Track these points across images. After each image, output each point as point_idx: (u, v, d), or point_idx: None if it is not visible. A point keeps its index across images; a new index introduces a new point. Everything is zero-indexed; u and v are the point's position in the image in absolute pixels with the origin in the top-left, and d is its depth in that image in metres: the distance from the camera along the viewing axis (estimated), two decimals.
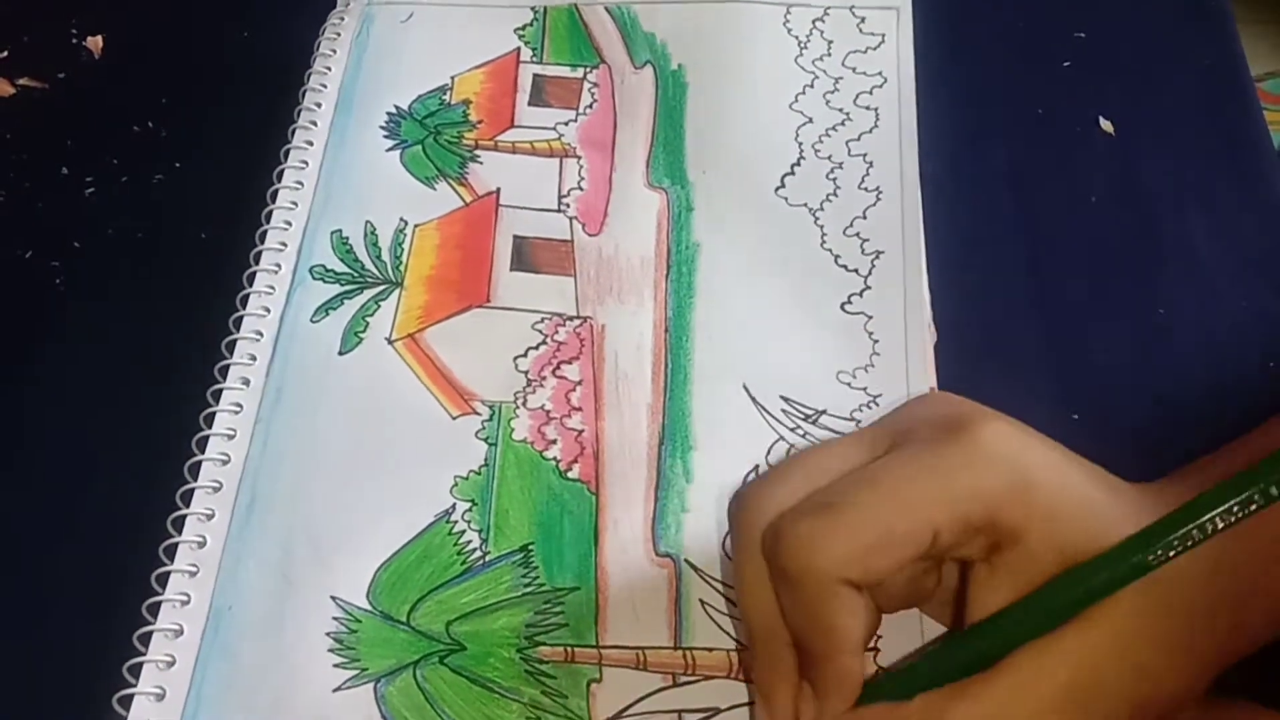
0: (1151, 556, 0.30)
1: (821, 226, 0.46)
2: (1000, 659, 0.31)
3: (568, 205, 0.47)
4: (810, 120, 0.49)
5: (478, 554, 0.39)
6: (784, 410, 0.42)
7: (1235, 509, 0.29)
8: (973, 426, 0.32)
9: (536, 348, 0.43)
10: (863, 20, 0.52)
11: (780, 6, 0.53)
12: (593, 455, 0.41)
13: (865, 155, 0.48)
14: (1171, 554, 0.30)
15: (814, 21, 0.52)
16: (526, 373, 0.43)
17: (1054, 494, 0.31)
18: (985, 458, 0.31)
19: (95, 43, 0.53)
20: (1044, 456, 0.32)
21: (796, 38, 0.52)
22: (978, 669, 0.31)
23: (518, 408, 0.42)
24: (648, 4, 0.53)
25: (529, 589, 0.38)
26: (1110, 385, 0.43)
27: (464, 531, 0.39)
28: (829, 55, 0.51)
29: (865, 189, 0.47)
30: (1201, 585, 0.31)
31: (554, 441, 0.41)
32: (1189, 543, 0.30)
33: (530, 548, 0.39)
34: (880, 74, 0.50)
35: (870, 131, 0.49)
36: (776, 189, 0.48)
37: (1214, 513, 0.29)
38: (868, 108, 0.49)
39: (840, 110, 0.50)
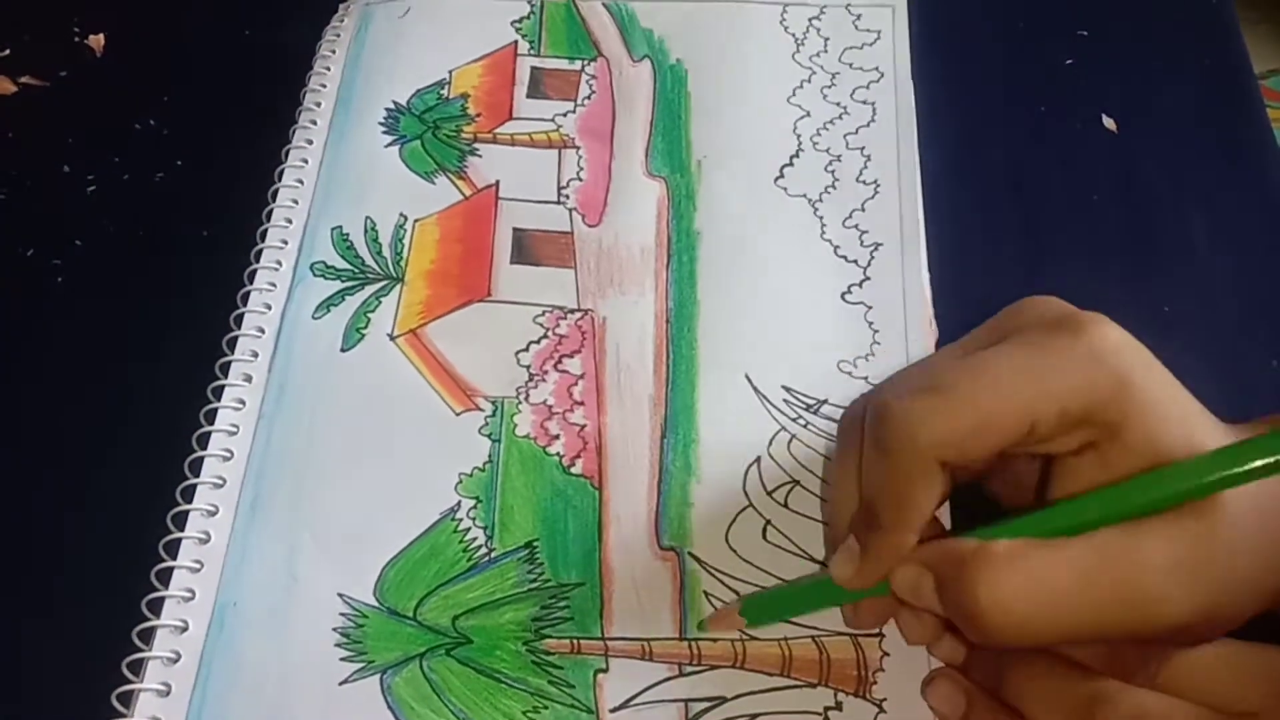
0: (1256, 464, 0.30)
1: (821, 217, 0.47)
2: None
3: (567, 196, 0.47)
4: (808, 114, 0.49)
5: (483, 550, 0.39)
6: (785, 400, 0.42)
7: None
8: (1079, 325, 0.32)
9: (538, 342, 0.44)
10: (858, 18, 0.52)
11: (776, 5, 0.53)
12: (595, 450, 0.41)
13: (863, 149, 0.48)
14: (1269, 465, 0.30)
15: (810, 20, 0.52)
16: (528, 367, 0.43)
17: (1154, 396, 0.32)
18: (1089, 354, 0.32)
19: (97, 41, 0.53)
20: (1148, 361, 0.32)
21: (793, 35, 0.52)
22: (1065, 534, 0.31)
23: (520, 403, 0.42)
24: (645, 1, 0.53)
25: (534, 585, 0.39)
26: None
27: (469, 529, 0.39)
28: (825, 52, 0.51)
29: (864, 182, 0.47)
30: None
31: (557, 437, 0.41)
32: None
33: (535, 544, 0.39)
34: (877, 69, 0.50)
35: (868, 125, 0.49)
36: (776, 179, 0.48)
37: None
38: (864, 102, 0.50)
39: (838, 104, 0.50)
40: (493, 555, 0.39)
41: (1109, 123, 0.50)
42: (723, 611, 0.38)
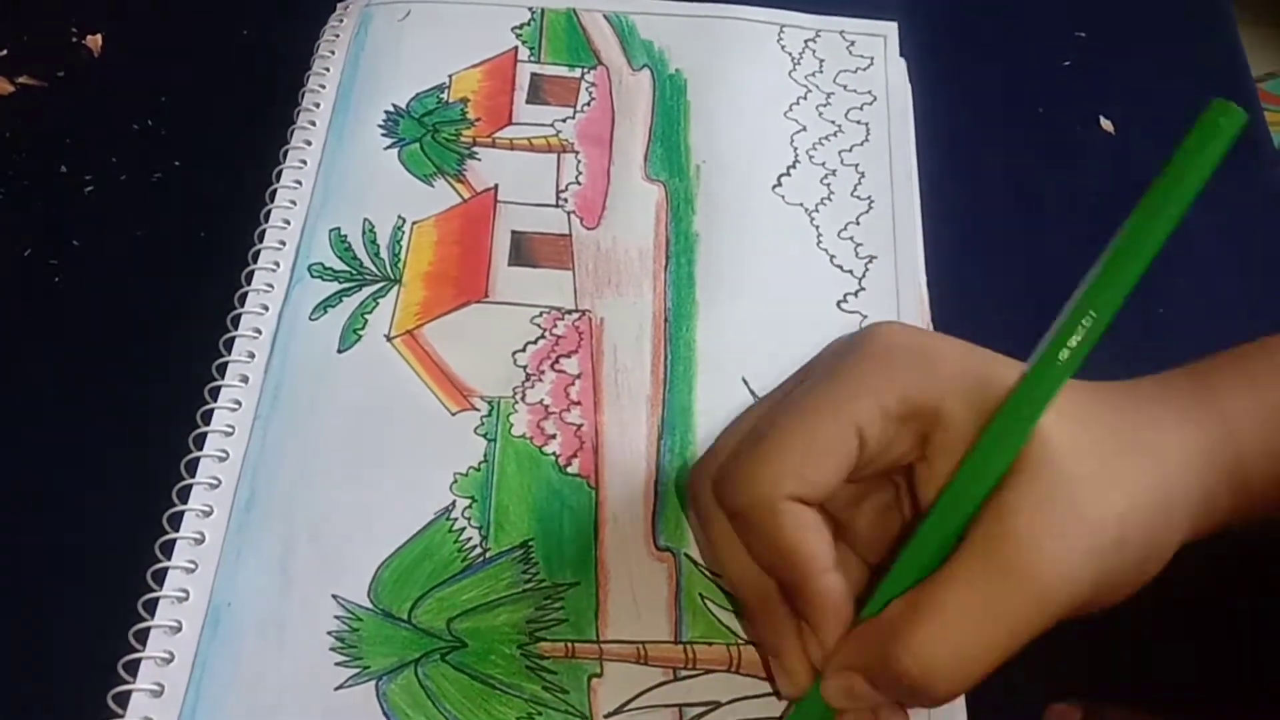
0: (1052, 359, 0.31)
1: (817, 227, 0.47)
2: (957, 539, 0.31)
3: (565, 200, 0.47)
4: (804, 128, 0.50)
5: (478, 551, 0.39)
6: None
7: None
8: (867, 333, 0.34)
9: (535, 342, 0.43)
10: (852, 44, 0.53)
11: (774, 25, 0.54)
12: (592, 450, 0.41)
13: (857, 165, 0.49)
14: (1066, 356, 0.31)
15: (806, 41, 0.53)
16: (525, 367, 0.43)
17: (955, 360, 0.33)
18: (884, 350, 0.33)
19: (94, 41, 0.53)
20: (936, 337, 0.34)
21: (790, 54, 0.53)
22: (942, 558, 0.31)
23: (516, 403, 0.42)
24: (645, 14, 0.54)
25: (529, 585, 0.38)
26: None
27: (464, 529, 0.39)
28: (821, 72, 0.52)
29: (858, 197, 0.48)
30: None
31: (553, 436, 0.41)
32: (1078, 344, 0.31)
33: (530, 544, 0.39)
34: (870, 93, 0.51)
35: (861, 144, 0.50)
36: (773, 187, 0.48)
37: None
38: (859, 122, 0.50)
39: (832, 122, 0.50)
40: (488, 555, 0.39)
41: (1107, 124, 0.50)
42: None
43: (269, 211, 0.46)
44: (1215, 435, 0.33)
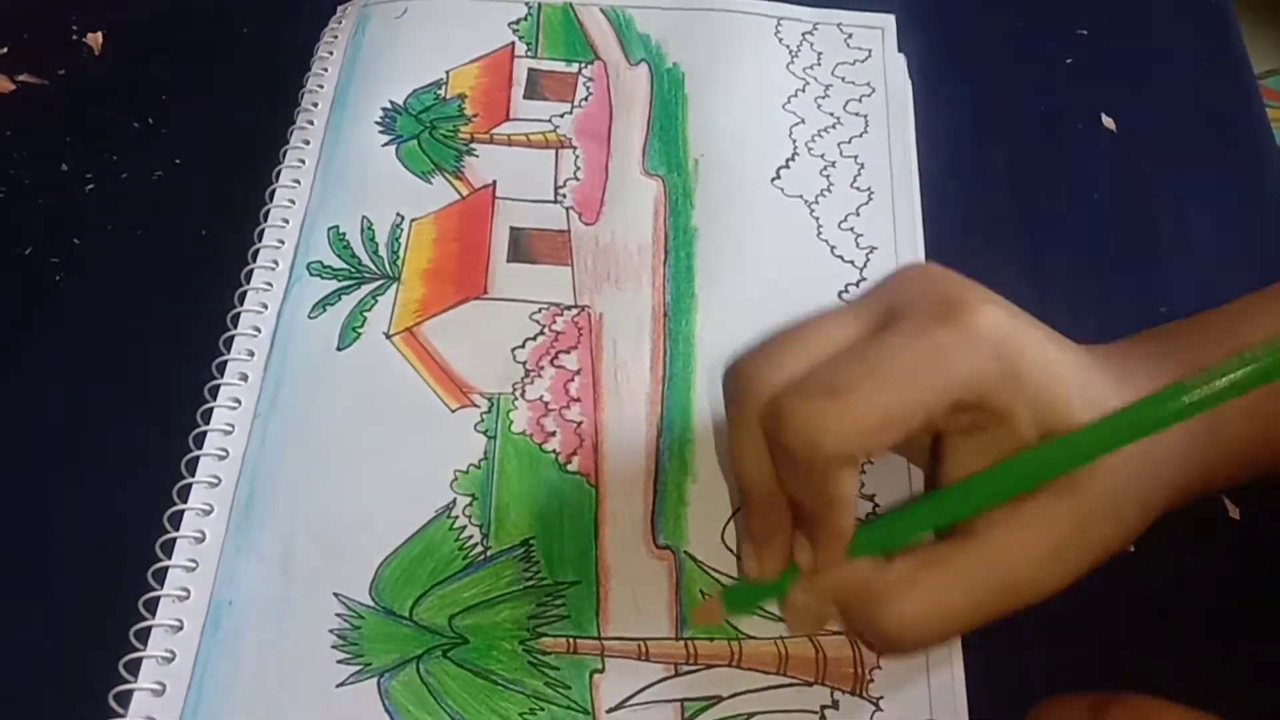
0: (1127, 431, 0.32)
1: (817, 219, 0.47)
2: (970, 518, 0.34)
3: (564, 196, 0.47)
4: (802, 121, 0.50)
5: (479, 549, 0.39)
6: None
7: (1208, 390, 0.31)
8: (966, 310, 0.33)
9: (534, 338, 0.43)
10: (849, 36, 0.53)
11: (771, 19, 0.53)
12: (592, 447, 0.41)
13: (856, 157, 0.49)
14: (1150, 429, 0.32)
15: (804, 34, 0.53)
16: (524, 364, 0.43)
17: (1042, 379, 0.33)
18: (977, 343, 0.32)
19: (95, 39, 0.53)
20: (1033, 340, 0.33)
21: (788, 47, 0.52)
22: (950, 525, 0.34)
23: (516, 399, 0.42)
24: (642, 8, 0.53)
25: (530, 583, 0.38)
26: None
27: (465, 527, 0.39)
28: (819, 65, 0.52)
29: (858, 188, 0.48)
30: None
31: (553, 434, 0.41)
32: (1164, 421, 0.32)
33: (531, 542, 0.39)
34: (868, 84, 0.51)
35: (860, 136, 0.49)
36: (772, 179, 0.48)
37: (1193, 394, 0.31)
38: (857, 114, 0.50)
39: (831, 114, 0.50)
40: (488, 553, 0.39)
41: (1108, 122, 0.50)
42: (706, 604, 0.38)
43: (268, 210, 0.46)
44: None
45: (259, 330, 0.43)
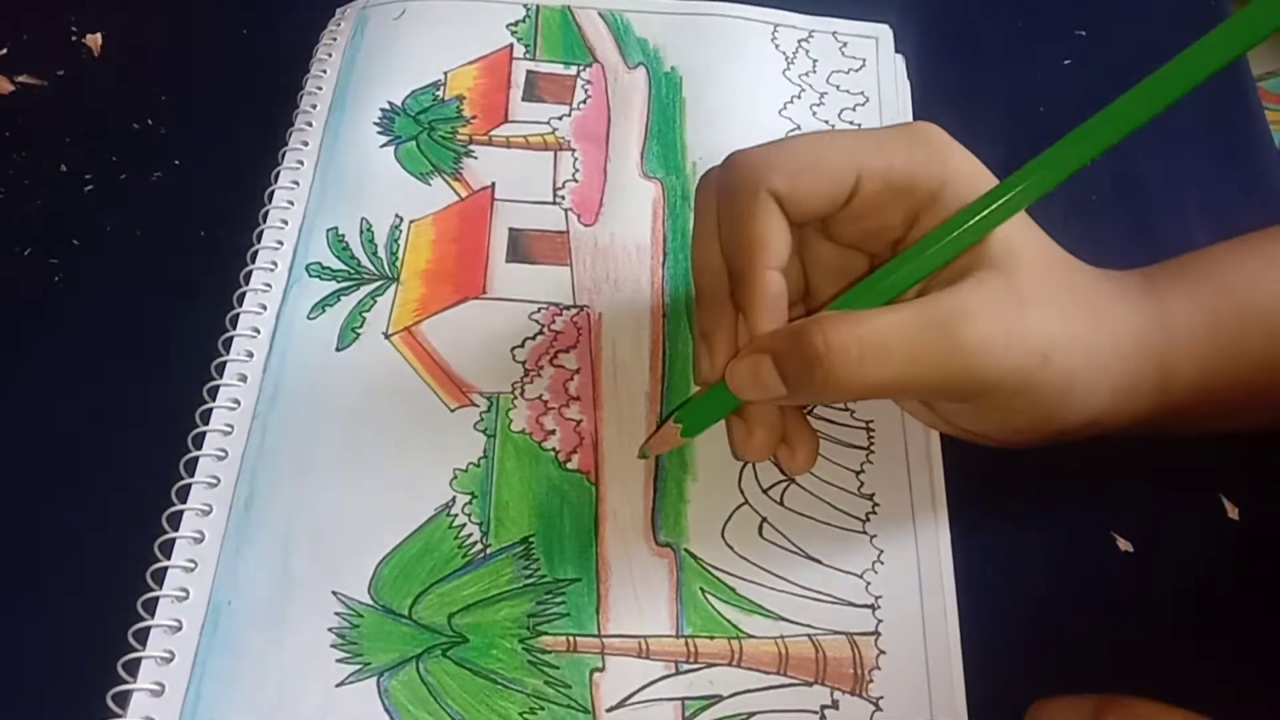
0: (1021, 189, 0.35)
1: None
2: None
3: (563, 197, 0.47)
4: (799, 127, 0.50)
5: (478, 547, 0.39)
6: None
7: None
8: (913, 123, 0.38)
9: (533, 338, 0.43)
10: (844, 45, 0.53)
11: (768, 25, 0.54)
12: (591, 445, 0.41)
13: None
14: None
15: (799, 41, 0.53)
16: (524, 363, 0.43)
17: (968, 162, 0.37)
18: (916, 134, 0.37)
19: (94, 40, 0.53)
20: (965, 151, 0.37)
21: (784, 53, 0.53)
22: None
23: (515, 398, 0.42)
24: (640, 12, 0.54)
25: (530, 581, 0.38)
26: None
27: (464, 525, 0.39)
28: (814, 72, 0.52)
29: None
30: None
31: (552, 432, 0.41)
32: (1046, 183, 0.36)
33: (531, 540, 0.39)
34: (863, 94, 0.51)
35: None
36: None
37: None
38: (852, 122, 0.50)
39: (826, 122, 0.50)
40: (488, 551, 0.39)
41: None
42: (663, 430, 0.39)
43: (267, 211, 0.46)
44: (1153, 326, 0.37)
45: (258, 331, 0.43)
